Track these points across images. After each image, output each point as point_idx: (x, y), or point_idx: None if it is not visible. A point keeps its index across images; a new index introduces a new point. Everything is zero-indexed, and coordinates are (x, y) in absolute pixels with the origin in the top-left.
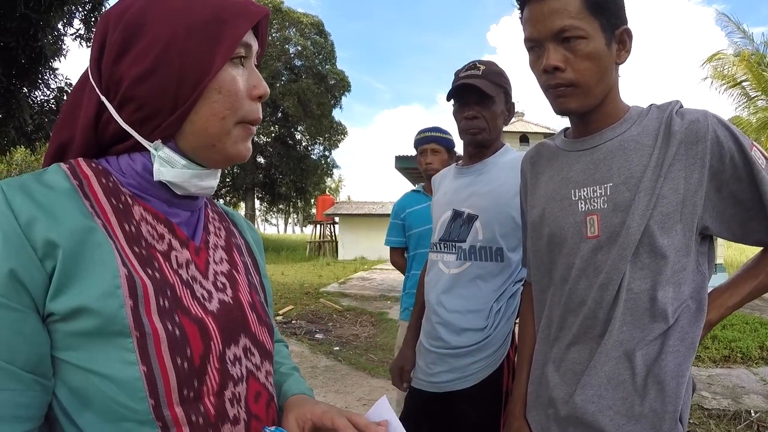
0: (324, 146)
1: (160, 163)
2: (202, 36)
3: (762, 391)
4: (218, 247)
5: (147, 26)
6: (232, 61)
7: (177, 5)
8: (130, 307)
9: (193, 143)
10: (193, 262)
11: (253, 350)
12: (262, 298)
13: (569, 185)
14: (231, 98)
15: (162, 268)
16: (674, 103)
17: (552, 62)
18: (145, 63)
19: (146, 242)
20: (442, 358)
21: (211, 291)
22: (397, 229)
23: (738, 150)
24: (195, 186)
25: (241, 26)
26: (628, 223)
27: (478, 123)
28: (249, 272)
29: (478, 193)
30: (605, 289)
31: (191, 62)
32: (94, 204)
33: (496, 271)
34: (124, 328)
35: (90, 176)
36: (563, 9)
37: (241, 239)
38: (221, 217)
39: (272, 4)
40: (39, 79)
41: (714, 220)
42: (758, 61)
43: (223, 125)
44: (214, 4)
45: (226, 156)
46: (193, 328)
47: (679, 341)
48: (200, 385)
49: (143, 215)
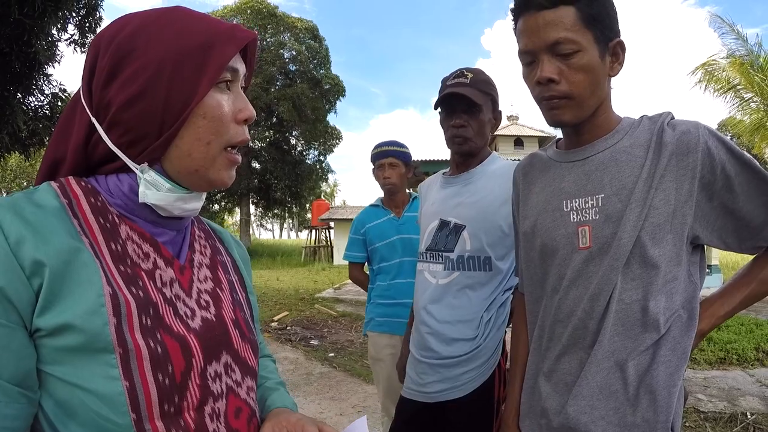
0: (319, 151)
1: (146, 186)
2: (188, 63)
3: (758, 392)
4: (203, 266)
5: (136, 52)
6: (218, 86)
7: (167, 32)
8: (113, 325)
9: (177, 167)
10: (177, 280)
11: (234, 367)
12: (246, 315)
13: (561, 196)
14: (215, 123)
15: (146, 287)
16: (665, 114)
17: (546, 74)
18: (132, 89)
19: (131, 261)
20: (433, 368)
21: (194, 309)
22: (357, 244)
23: (729, 160)
24: (179, 209)
25: (227, 52)
26: (620, 234)
27: (465, 131)
28: (234, 289)
29: (464, 203)
30: (596, 300)
31: (177, 89)
32: (83, 223)
33: (484, 281)
34: (108, 345)
35: (79, 195)
36: (558, 21)
37: (228, 257)
38: (207, 234)
39: (267, 9)
40: (33, 85)
41: (705, 230)
42: (751, 63)
43: (208, 150)
44: (202, 31)
45: (208, 181)
46: (174, 345)
47: (670, 351)
48: (181, 401)
49: (129, 234)
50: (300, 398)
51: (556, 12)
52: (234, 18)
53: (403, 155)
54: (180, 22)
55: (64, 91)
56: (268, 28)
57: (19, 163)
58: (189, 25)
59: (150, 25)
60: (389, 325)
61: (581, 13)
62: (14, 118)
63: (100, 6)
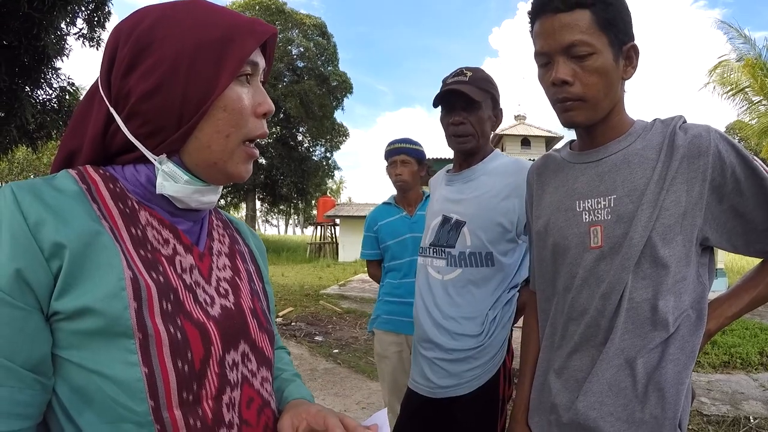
0: (325, 148)
1: (164, 177)
2: (208, 56)
3: (761, 397)
4: (222, 254)
5: (156, 43)
6: (238, 79)
7: (185, 24)
8: (133, 309)
9: (196, 159)
10: (197, 267)
11: (251, 356)
12: (264, 305)
13: (574, 197)
14: (235, 116)
15: (166, 272)
16: (678, 118)
17: (561, 76)
18: (151, 80)
19: (151, 246)
20: (438, 364)
21: (213, 296)
22: (371, 241)
23: (739, 164)
24: (196, 201)
25: (248, 45)
26: (631, 235)
27: (464, 129)
28: (252, 279)
29: (465, 200)
30: (607, 298)
31: (197, 81)
32: (102, 208)
33: (488, 276)
34: (128, 330)
35: (98, 181)
36: (573, 24)
37: (245, 247)
38: (225, 224)
39: (275, 5)
40: (41, 79)
41: (714, 232)
42: (760, 66)
43: (227, 143)
44: (222, 24)
45: (226, 175)
46: (194, 332)
47: (679, 350)
48: (199, 389)
49: (149, 220)
50: None
51: (572, 15)
52: (243, 13)
53: (416, 153)
54: (199, 14)
55: (72, 85)
56: (276, 24)
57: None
58: (208, 18)
59: (169, 18)
60: (395, 323)
61: (596, 16)
62: (23, 111)
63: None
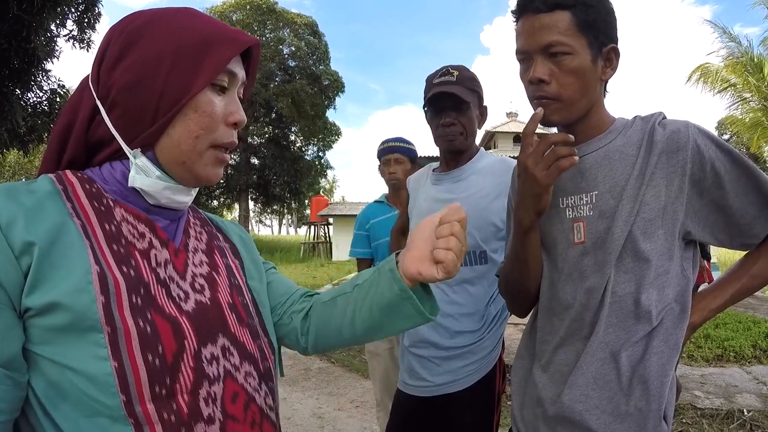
0: (318, 147)
1: (136, 170)
2: (188, 57)
3: (755, 390)
4: (198, 250)
5: (143, 41)
6: (213, 86)
7: (173, 27)
8: (101, 303)
9: (167, 157)
10: (172, 262)
11: (232, 350)
12: (246, 299)
13: (557, 193)
14: (206, 119)
15: (138, 266)
16: (657, 114)
17: (537, 74)
18: (133, 74)
19: (126, 240)
20: (432, 361)
21: (188, 291)
22: (362, 240)
23: (718, 158)
24: (166, 198)
25: (226, 53)
26: (613, 229)
27: (455, 129)
28: (232, 274)
29: (457, 200)
30: (591, 293)
31: (175, 80)
32: (76, 206)
33: (482, 274)
34: (96, 324)
35: (75, 183)
36: (553, 25)
37: (226, 242)
38: (204, 222)
39: (266, 5)
40: (32, 81)
41: (696, 226)
42: (744, 65)
43: (196, 144)
44: (206, 30)
45: (194, 175)
46: (165, 325)
47: (663, 342)
48: (173, 383)
49: (124, 216)
50: (298, 393)
51: (552, 16)
52: (233, 13)
53: (409, 151)
54: (187, 20)
55: (62, 87)
56: (267, 24)
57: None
58: (194, 24)
59: (159, 20)
60: None
61: (576, 18)
62: (13, 114)
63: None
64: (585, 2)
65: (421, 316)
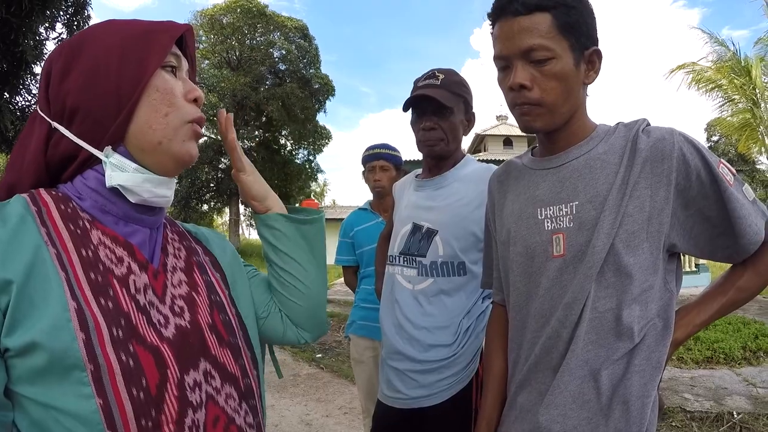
0: (308, 151)
1: (112, 169)
2: (134, 45)
3: (744, 391)
4: (177, 269)
5: (86, 47)
6: (165, 69)
7: (111, 28)
8: (82, 340)
9: (141, 143)
10: (151, 286)
11: (213, 373)
12: (229, 315)
13: (535, 204)
14: (168, 96)
15: (117, 296)
16: (641, 121)
17: (518, 80)
18: (86, 73)
19: (104, 267)
20: (408, 375)
21: (167, 316)
22: (346, 247)
23: (705, 167)
24: (148, 192)
25: (168, 36)
26: (594, 242)
27: (435, 134)
28: (213, 290)
29: (437, 208)
30: (570, 309)
31: (128, 66)
32: (51, 231)
33: (460, 285)
34: (78, 361)
35: (49, 203)
36: (533, 28)
37: (205, 256)
38: (182, 236)
39: (256, 8)
40: (20, 85)
41: (681, 237)
42: (733, 66)
43: (168, 122)
44: (141, 24)
45: (173, 155)
46: (147, 357)
47: (645, 360)
48: (158, 414)
49: (101, 239)
50: (286, 400)
51: (532, 18)
52: (224, 16)
53: (394, 158)
54: (120, 23)
55: None
56: (257, 27)
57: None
58: (130, 24)
59: (96, 29)
60: (370, 329)
61: (557, 20)
62: (1, 118)
63: (88, 4)
64: (566, 3)
65: (309, 223)
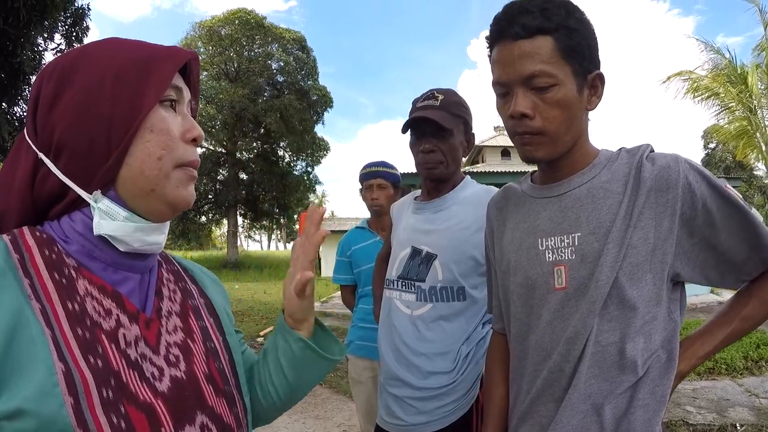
0: (306, 162)
1: (100, 216)
2: (130, 77)
3: (747, 403)
4: (172, 314)
5: (78, 73)
6: (163, 104)
7: (107, 52)
8: (71, 405)
9: (132, 190)
10: (143, 337)
11: (210, 426)
12: (223, 363)
13: (536, 234)
14: (164, 137)
15: (106, 352)
16: (644, 147)
17: (520, 109)
18: (75, 109)
19: (91, 321)
20: (407, 401)
21: (162, 367)
22: (344, 266)
23: (710, 195)
24: (139, 241)
25: (169, 67)
26: (597, 276)
27: (434, 156)
28: (208, 337)
29: (436, 231)
30: (572, 343)
31: (121, 103)
32: (36, 282)
33: (459, 311)
34: (67, 427)
35: (32, 248)
36: (534, 53)
37: (201, 298)
38: (177, 276)
39: (254, 20)
40: (18, 95)
41: (686, 266)
42: (730, 74)
43: (161, 166)
44: (142, 49)
45: (167, 202)
46: (140, 417)
47: (649, 394)
48: None
49: (88, 289)
50: (284, 417)
51: (533, 42)
52: (222, 28)
53: (392, 176)
54: (120, 44)
55: None
56: (256, 39)
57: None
58: (128, 47)
59: (90, 50)
60: (368, 349)
61: (559, 44)
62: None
63: (87, 15)
64: (568, 25)
65: (326, 360)
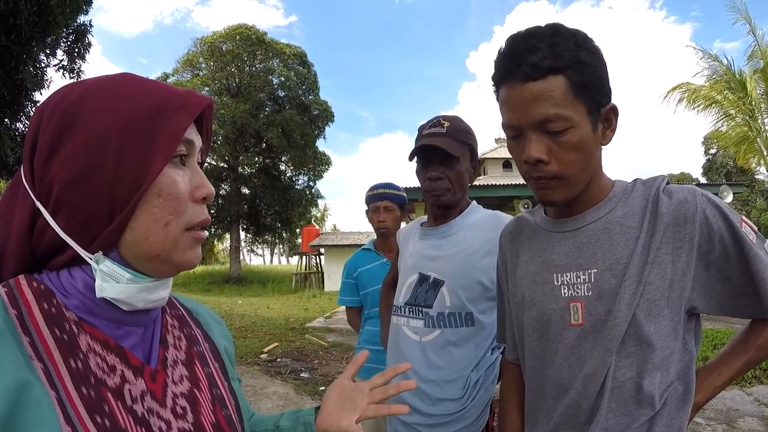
0: (308, 176)
1: (102, 278)
2: (139, 134)
3: (757, 412)
4: (178, 363)
5: (80, 121)
6: (172, 160)
7: (112, 99)
8: None
9: (136, 253)
10: (149, 391)
11: None
12: (229, 409)
13: (551, 269)
14: (172, 202)
15: (113, 411)
16: (660, 179)
17: (535, 155)
18: (76, 164)
19: (95, 379)
20: (416, 429)
21: (169, 420)
22: (350, 288)
23: (727, 229)
24: (143, 301)
25: (182, 121)
26: (615, 314)
27: (441, 184)
28: (214, 383)
29: (443, 257)
30: (590, 381)
31: (128, 163)
32: (36, 340)
33: (468, 336)
34: None
35: (31, 303)
36: (547, 95)
37: (206, 343)
38: (182, 322)
39: (255, 35)
40: (20, 111)
41: (702, 299)
42: (729, 80)
43: (168, 232)
44: (152, 97)
45: (173, 265)
46: None
47: (665, 427)
48: None
49: (91, 345)
50: None
51: (545, 83)
52: (223, 44)
53: (398, 198)
54: (128, 88)
55: None
56: (257, 55)
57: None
58: (138, 92)
59: (95, 92)
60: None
61: (572, 82)
62: (1, 145)
63: (89, 32)
64: (580, 60)
65: None
